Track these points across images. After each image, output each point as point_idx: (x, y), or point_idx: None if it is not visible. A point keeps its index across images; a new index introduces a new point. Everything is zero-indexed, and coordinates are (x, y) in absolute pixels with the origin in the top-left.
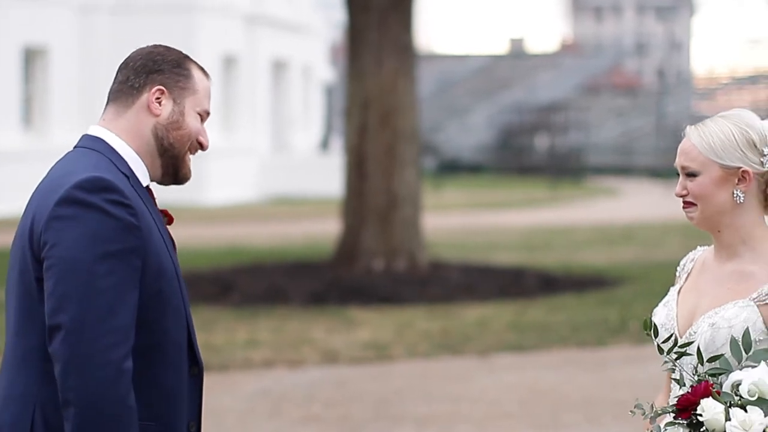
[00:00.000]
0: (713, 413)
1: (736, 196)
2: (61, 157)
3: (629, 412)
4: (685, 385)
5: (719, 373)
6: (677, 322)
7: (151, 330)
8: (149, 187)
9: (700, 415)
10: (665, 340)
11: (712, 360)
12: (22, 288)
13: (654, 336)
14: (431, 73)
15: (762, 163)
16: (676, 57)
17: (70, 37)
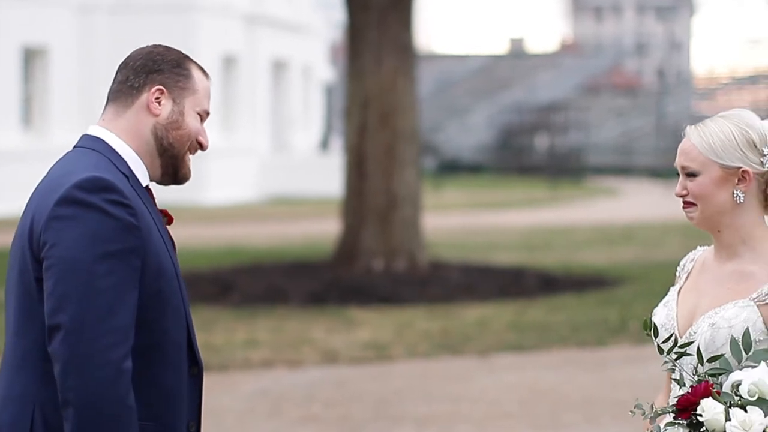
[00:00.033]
0: (713, 413)
1: (736, 196)
2: (60, 157)
3: (629, 413)
4: (685, 385)
5: (719, 373)
6: (677, 322)
7: (151, 330)
8: (149, 187)
9: (700, 415)
10: (665, 340)
11: (712, 360)
12: (21, 288)
13: (654, 336)
14: (431, 73)
15: (762, 163)
16: (676, 57)
17: (70, 37)
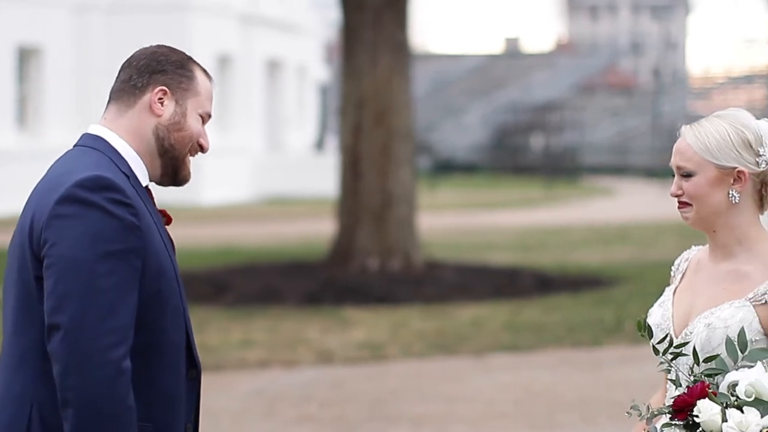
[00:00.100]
0: (710, 414)
1: (731, 196)
2: (60, 156)
3: (626, 413)
4: (681, 385)
5: (715, 374)
6: (673, 322)
7: (150, 329)
8: (148, 188)
9: (696, 416)
10: (660, 341)
11: (708, 360)
12: (20, 286)
13: (648, 337)
14: (426, 73)
15: (757, 163)
16: (671, 56)
17: (65, 36)
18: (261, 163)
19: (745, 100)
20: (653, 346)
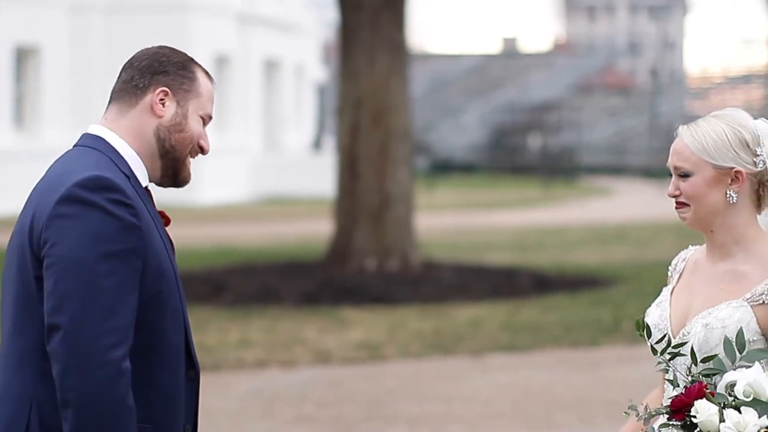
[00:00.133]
0: (707, 415)
1: (729, 196)
2: (58, 155)
3: (623, 414)
4: (678, 385)
5: (713, 374)
6: (670, 322)
7: (150, 329)
8: (148, 188)
9: (694, 416)
10: (659, 341)
11: (705, 360)
12: (20, 286)
13: (647, 336)
14: (424, 73)
15: (755, 163)
16: (669, 56)
17: (63, 36)
18: (259, 163)
19: (743, 100)
20: (651, 346)
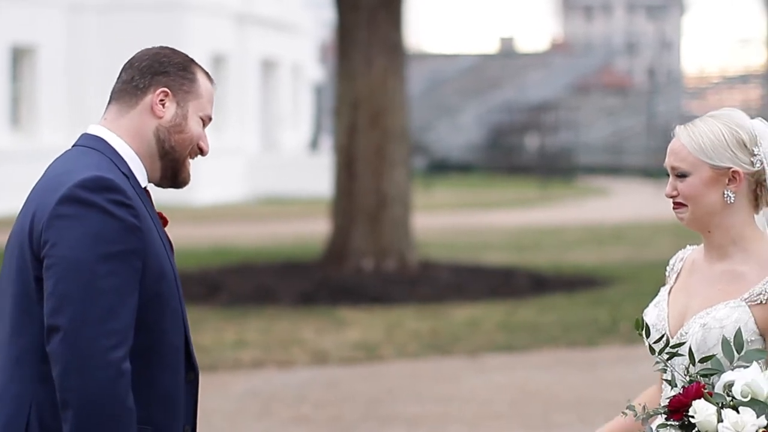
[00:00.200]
0: (705, 415)
1: (726, 196)
2: (57, 155)
3: (621, 414)
4: (676, 385)
5: (711, 374)
6: (668, 322)
7: (150, 330)
8: (146, 189)
9: (692, 416)
10: (657, 341)
11: (703, 360)
12: (19, 287)
13: (645, 336)
14: (421, 73)
15: (752, 163)
16: (666, 56)
17: (59, 36)
18: (255, 163)
19: (741, 100)
20: (649, 345)
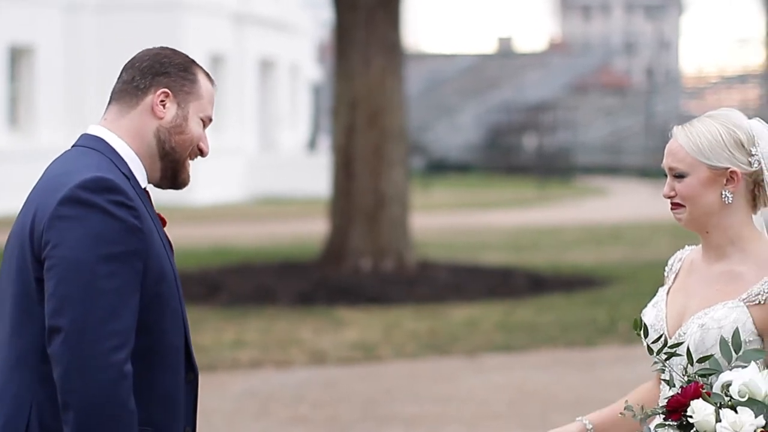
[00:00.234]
0: (704, 415)
1: (724, 196)
2: (56, 155)
3: (619, 414)
4: (674, 386)
5: (709, 374)
6: (666, 323)
7: (150, 331)
8: (146, 189)
9: (690, 416)
10: (655, 341)
11: (702, 360)
12: (19, 288)
13: (644, 336)
14: (419, 73)
15: (750, 163)
16: (664, 56)
17: (57, 36)
18: (254, 163)
19: (739, 100)
20: (648, 346)
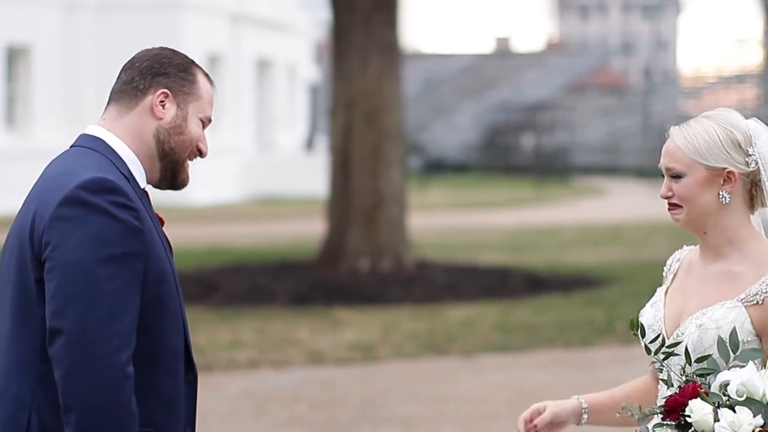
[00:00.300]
0: (702, 414)
1: (721, 197)
2: (54, 155)
3: (617, 414)
4: (672, 385)
5: (707, 374)
6: (665, 323)
7: (150, 333)
8: (145, 190)
9: (688, 416)
10: (653, 341)
11: (700, 360)
12: (19, 288)
13: (641, 336)
14: (417, 73)
15: (747, 163)
16: (662, 56)
17: (54, 36)
18: (251, 163)
19: (736, 100)
20: (645, 345)
